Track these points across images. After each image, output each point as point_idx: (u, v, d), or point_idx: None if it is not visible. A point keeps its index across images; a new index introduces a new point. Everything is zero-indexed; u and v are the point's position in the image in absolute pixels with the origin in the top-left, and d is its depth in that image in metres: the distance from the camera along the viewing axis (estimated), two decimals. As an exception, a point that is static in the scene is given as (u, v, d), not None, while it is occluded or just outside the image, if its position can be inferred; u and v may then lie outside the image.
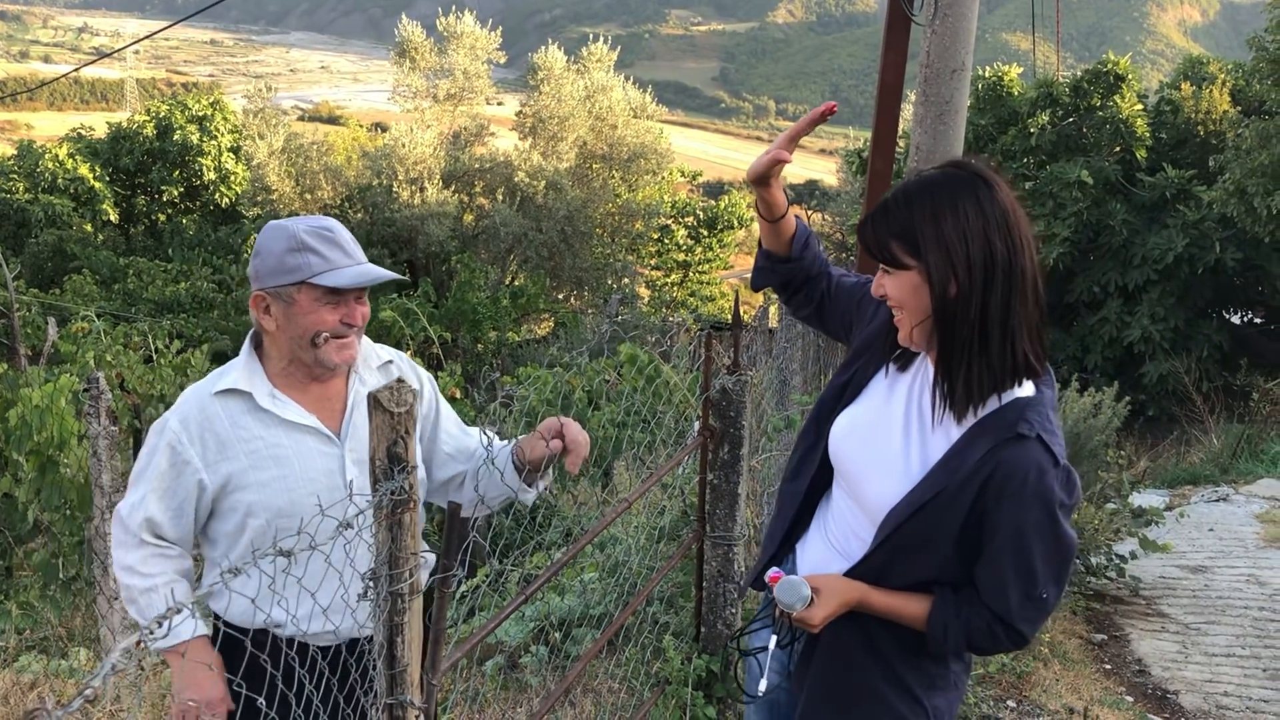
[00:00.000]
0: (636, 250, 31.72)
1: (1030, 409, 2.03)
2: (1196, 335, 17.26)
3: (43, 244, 29.30)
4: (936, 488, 2.05)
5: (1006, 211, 2.02)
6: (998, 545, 2.03)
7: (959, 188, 2.03)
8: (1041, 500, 1.99)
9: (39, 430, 6.04)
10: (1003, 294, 2.00)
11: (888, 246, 2.08)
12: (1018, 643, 2.13)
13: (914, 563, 2.12)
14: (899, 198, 2.09)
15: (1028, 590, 2.06)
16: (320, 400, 2.55)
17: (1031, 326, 2.04)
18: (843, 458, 2.28)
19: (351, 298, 2.48)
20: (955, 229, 2.00)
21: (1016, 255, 2.01)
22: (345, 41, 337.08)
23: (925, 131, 6.02)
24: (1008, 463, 1.99)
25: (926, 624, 2.14)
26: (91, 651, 5.57)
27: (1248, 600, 6.64)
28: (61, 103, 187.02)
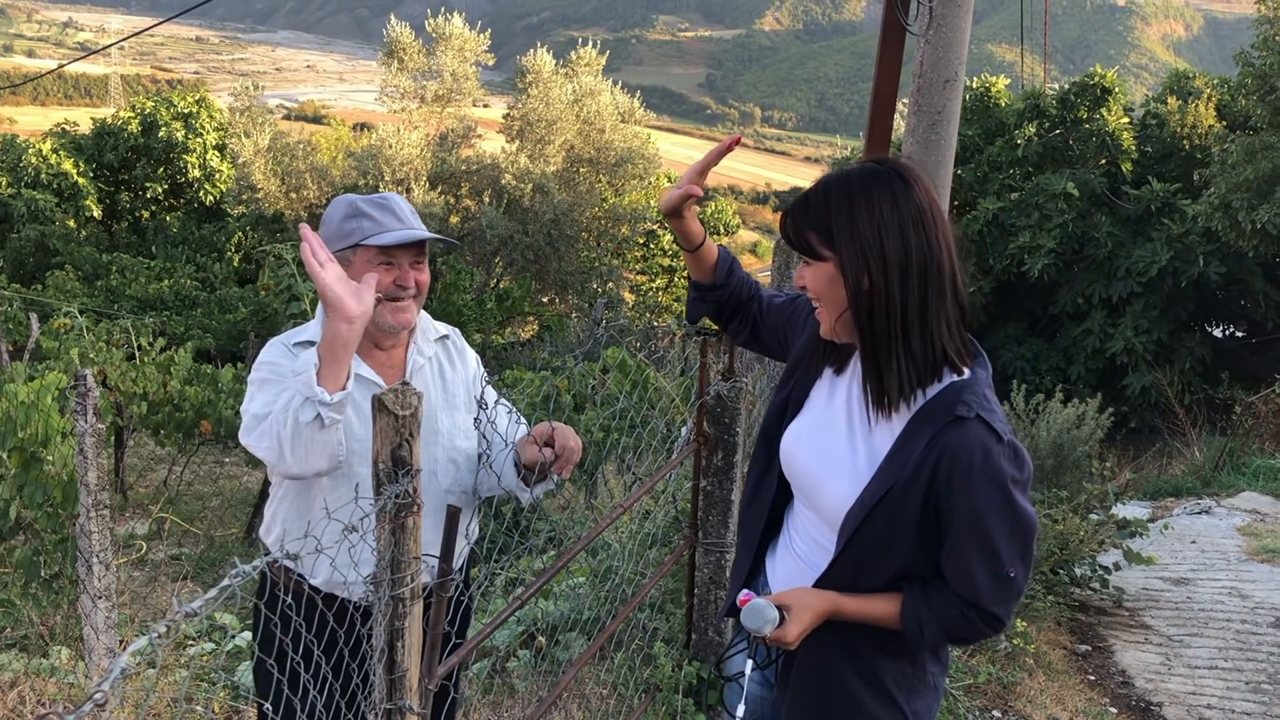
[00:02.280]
0: (622, 254, 31.74)
1: (966, 391, 2.03)
2: (1179, 348, 17.35)
3: (25, 239, 29.13)
4: (887, 483, 2.05)
5: (923, 208, 2.03)
6: (957, 531, 2.02)
7: (875, 183, 2.05)
8: (992, 479, 1.98)
9: (23, 426, 6.00)
10: (919, 290, 2.01)
11: (805, 238, 2.10)
12: (995, 627, 2.12)
13: (880, 562, 2.12)
14: (818, 191, 2.11)
15: (994, 571, 2.05)
16: (383, 367, 2.65)
17: (951, 322, 2.05)
18: (795, 469, 2.29)
19: (406, 262, 2.58)
20: (869, 223, 2.01)
21: (932, 252, 2.02)
22: (332, 41, 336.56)
23: (917, 141, 6.02)
24: (952, 447, 1.99)
25: (900, 621, 2.13)
26: (73, 651, 5.53)
27: (1230, 613, 6.67)
28: (45, 98, 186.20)
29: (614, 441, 7.05)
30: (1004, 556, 2.04)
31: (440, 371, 2.77)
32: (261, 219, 28.83)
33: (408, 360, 2.69)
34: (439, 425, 2.67)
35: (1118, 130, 18.47)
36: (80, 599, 4.84)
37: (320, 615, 2.42)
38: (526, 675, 4.36)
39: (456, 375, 2.79)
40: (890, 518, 2.06)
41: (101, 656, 4.65)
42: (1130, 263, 17.37)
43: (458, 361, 2.82)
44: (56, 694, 4.64)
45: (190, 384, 10.33)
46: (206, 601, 1.34)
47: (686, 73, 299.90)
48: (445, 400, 2.72)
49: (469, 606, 2.77)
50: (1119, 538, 6.83)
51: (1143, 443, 15.37)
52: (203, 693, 4.68)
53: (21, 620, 6.06)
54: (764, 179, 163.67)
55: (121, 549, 8.22)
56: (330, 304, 2.20)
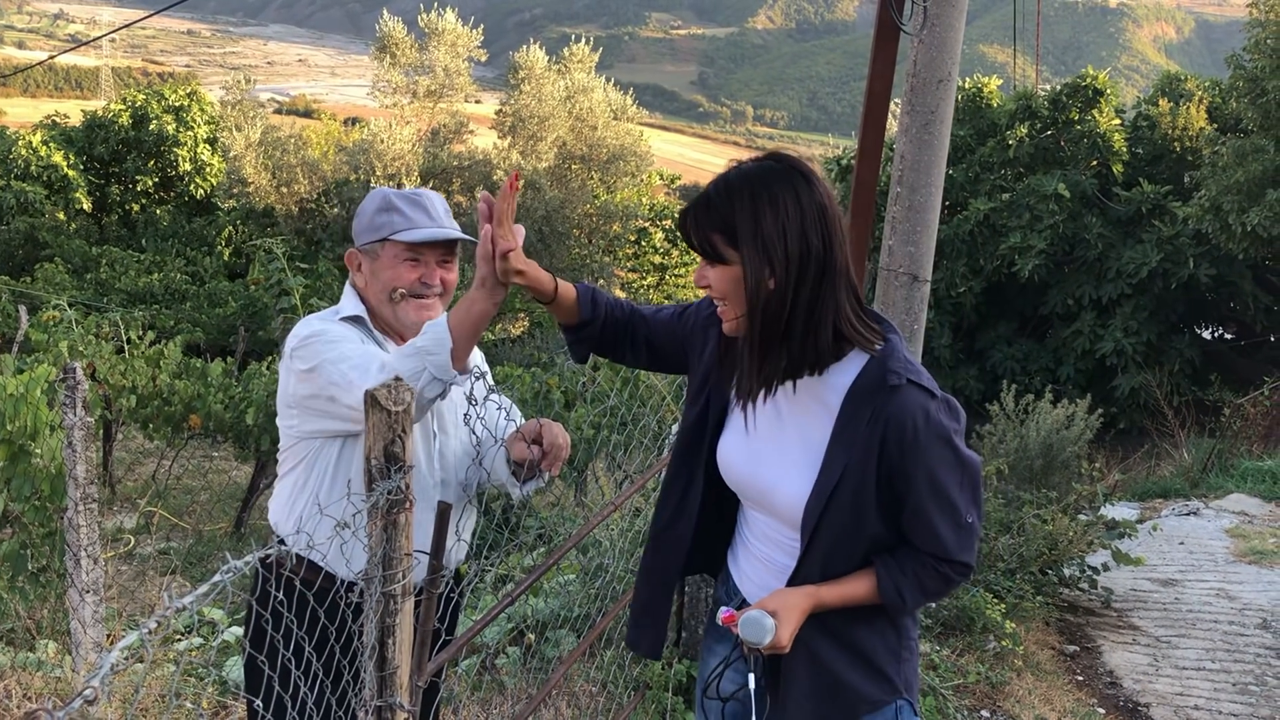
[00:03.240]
0: (614, 252, 31.73)
1: (889, 359, 2.06)
2: (1169, 350, 17.41)
3: (14, 231, 29.01)
4: (840, 465, 2.07)
5: (823, 206, 2.04)
6: (917, 494, 2.06)
7: (779, 181, 2.04)
8: (938, 436, 2.03)
9: (11, 419, 5.97)
10: (813, 286, 2.02)
11: (709, 239, 2.08)
12: (965, 574, 2.17)
13: (848, 545, 2.13)
14: (720, 190, 2.09)
15: (955, 522, 2.09)
16: None
17: (844, 309, 2.05)
18: (739, 482, 2.28)
19: (434, 260, 2.59)
20: (774, 224, 2.01)
21: (830, 250, 2.03)
22: (323, 35, 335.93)
23: (910, 141, 6.02)
24: (895, 416, 2.02)
25: (880, 594, 2.14)
26: (60, 644, 5.51)
27: (1217, 614, 6.69)
28: (36, 89, 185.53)
29: (604, 439, 7.05)
30: (960, 506, 2.09)
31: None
32: (252, 213, 28.77)
33: None
34: (457, 418, 2.68)
35: (1109, 132, 18.51)
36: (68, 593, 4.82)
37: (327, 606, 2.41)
38: (516, 672, 4.35)
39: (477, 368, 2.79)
40: (849, 501, 2.07)
41: (89, 650, 4.63)
42: (1120, 264, 17.41)
43: (476, 359, 2.81)
44: (43, 688, 4.63)
45: (179, 378, 10.30)
46: (198, 597, 1.33)
47: (679, 70, 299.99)
48: (460, 397, 2.71)
49: (458, 603, 2.77)
50: (1108, 538, 6.85)
51: (1132, 444, 15.41)
52: (191, 688, 4.67)
53: (8, 614, 6.04)
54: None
55: (109, 543, 8.19)
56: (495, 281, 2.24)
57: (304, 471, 2.59)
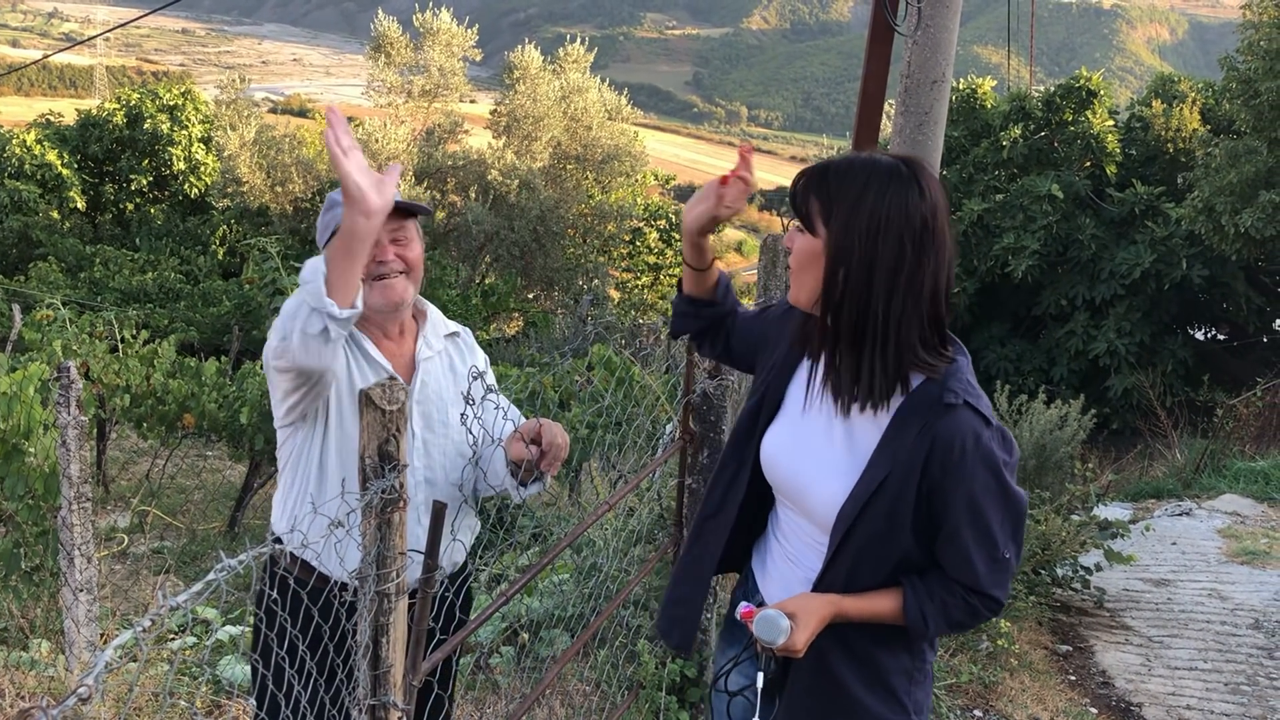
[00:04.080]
0: (608, 252, 31.74)
1: (950, 378, 2.02)
2: (1161, 350, 17.44)
3: (8, 230, 28.96)
4: (879, 476, 2.03)
5: (928, 223, 1.99)
6: (954, 519, 2.02)
7: (895, 183, 1.99)
8: (985, 463, 1.98)
9: (5, 418, 5.96)
10: (899, 300, 1.98)
11: (808, 205, 2.06)
12: (994, 609, 2.12)
13: (876, 558, 2.10)
14: (840, 165, 2.06)
15: (991, 554, 2.05)
16: (394, 357, 2.65)
17: (921, 338, 2.01)
18: (779, 475, 2.25)
19: (385, 238, 2.55)
20: (870, 219, 1.98)
21: (921, 268, 1.98)
22: (318, 34, 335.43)
23: (904, 142, 6.04)
24: (944, 435, 1.98)
25: (904, 615, 2.11)
26: (53, 644, 5.51)
27: (1210, 614, 6.71)
28: (30, 88, 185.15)
29: (599, 438, 7.06)
30: (999, 539, 2.04)
31: (450, 365, 2.77)
32: (246, 212, 28.74)
33: (418, 351, 2.69)
34: (449, 418, 2.67)
35: (1102, 133, 18.54)
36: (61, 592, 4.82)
37: (320, 605, 2.43)
38: (510, 672, 4.36)
39: (467, 371, 2.78)
40: (885, 511, 2.04)
41: (82, 650, 4.63)
42: (1114, 265, 17.44)
43: (468, 359, 2.82)
44: (36, 687, 4.62)
45: (173, 377, 10.30)
46: (192, 596, 1.34)
47: (674, 71, 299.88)
48: (454, 395, 2.72)
49: (454, 603, 2.76)
50: (1100, 539, 6.86)
51: (1124, 444, 15.44)
52: (185, 687, 4.67)
53: (2, 613, 6.04)
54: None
55: (103, 542, 8.18)
56: (350, 193, 2.14)
57: (291, 471, 2.62)
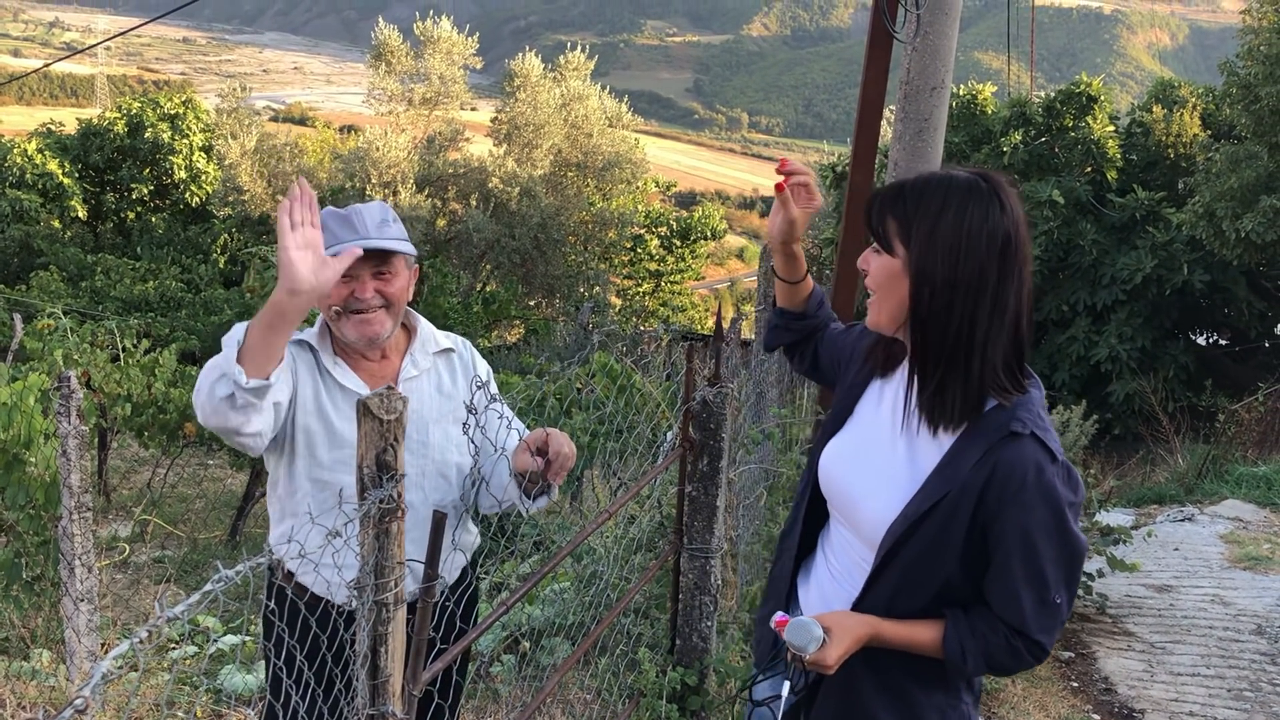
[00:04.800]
0: (609, 259, 31.75)
1: (1021, 408, 1.97)
2: (1163, 356, 17.42)
3: (9, 239, 28.99)
4: (934, 498, 1.97)
5: (1010, 239, 1.95)
6: (1006, 552, 1.95)
7: (974, 198, 1.96)
8: (1044, 498, 1.91)
9: (6, 428, 5.97)
10: (986, 318, 1.94)
11: (884, 223, 2.02)
12: (1038, 656, 2.03)
13: (919, 582, 2.04)
14: (917, 184, 2.02)
15: (1040, 596, 1.97)
16: (374, 378, 2.63)
17: (1003, 358, 1.97)
18: (832, 486, 2.21)
19: (367, 274, 2.53)
20: (952, 236, 1.94)
21: (1005, 284, 1.94)
22: (319, 43, 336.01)
23: (904, 148, 6.05)
24: (1005, 463, 1.92)
25: (943, 648, 2.05)
26: (54, 653, 5.50)
27: (1212, 620, 6.69)
28: (31, 97, 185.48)
29: (600, 446, 7.05)
30: (1050, 581, 1.96)
31: (438, 384, 2.74)
32: (247, 221, 28.77)
33: (401, 371, 2.67)
34: (429, 437, 2.65)
35: (1103, 138, 18.54)
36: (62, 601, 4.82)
37: (318, 619, 2.43)
38: (510, 680, 4.35)
39: (458, 388, 2.76)
40: (935, 534, 1.98)
41: (83, 659, 4.63)
42: (1115, 270, 17.43)
43: (460, 375, 2.79)
44: (37, 697, 4.62)
45: (174, 386, 10.29)
46: (189, 606, 1.33)
47: (674, 78, 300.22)
48: (439, 413, 2.70)
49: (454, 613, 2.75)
50: (1102, 544, 6.84)
51: (1127, 450, 15.42)
52: (185, 696, 4.66)
53: (3, 623, 6.03)
54: (751, 184, 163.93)
55: (104, 551, 8.18)
56: (282, 267, 2.12)
57: (271, 486, 2.66)
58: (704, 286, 46.25)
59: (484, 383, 2.49)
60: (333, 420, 2.56)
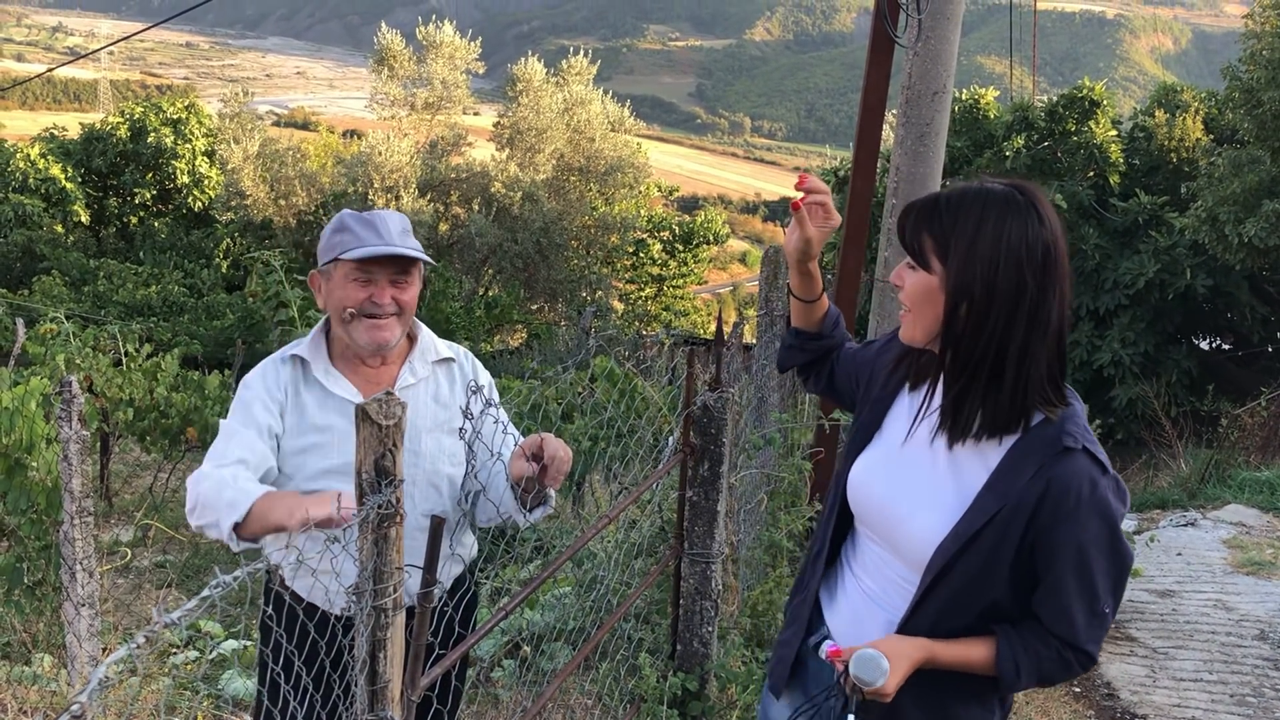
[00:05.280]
0: (611, 263, 31.76)
1: (1069, 421, 1.95)
2: (1166, 360, 17.40)
3: (12, 244, 29.04)
4: (986, 515, 1.95)
5: (1048, 251, 1.93)
6: (1059, 567, 1.94)
7: (1012, 212, 1.92)
8: (1099, 513, 1.91)
9: (7, 433, 5.97)
10: (1023, 333, 1.91)
11: (920, 240, 1.98)
12: (1087, 665, 2.04)
13: (966, 602, 2.01)
14: (950, 198, 1.98)
15: (1091, 607, 1.97)
16: (371, 383, 2.64)
17: (1044, 372, 1.94)
18: (868, 503, 2.16)
19: (385, 279, 2.56)
20: (990, 250, 1.90)
21: (1045, 298, 1.92)
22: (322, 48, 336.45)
23: (905, 153, 6.05)
24: (1060, 479, 1.90)
25: (996, 666, 2.03)
26: (56, 658, 5.50)
27: (1215, 625, 6.68)
28: (34, 102, 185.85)
29: (601, 450, 7.05)
30: (1100, 592, 1.96)
31: (434, 393, 2.73)
32: (250, 225, 28.81)
33: (398, 379, 2.68)
34: (421, 446, 2.64)
35: (1105, 143, 18.53)
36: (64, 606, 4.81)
37: (315, 626, 2.43)
38: (511, 685, 4.35)
39: (455, 398, 2.75)
40: (987, 551, 1.95)
41: (84, 664, 4.63)
42: (1118, 275, 17.42)
43: (459, 386, 2.78)
44: (39, 702, 4.62)
45: (176, 390, 10.30)
46: (187, 611, 1.33)
47: (677, 82, 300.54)
48: (434, 423, 2.69)
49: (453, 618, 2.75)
50: (1105, 550, 6.83)
51: (1129, 455, 15.41)
52: (185, 701, 4.66)
53: (4, 627, 6.03)
54: (753, 189, 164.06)
55: (105, 556, 8.18)
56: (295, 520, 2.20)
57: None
58: (706, 291, 46.28)
59: (479, 387, 2.47)
60: (325, 430, 2.57)
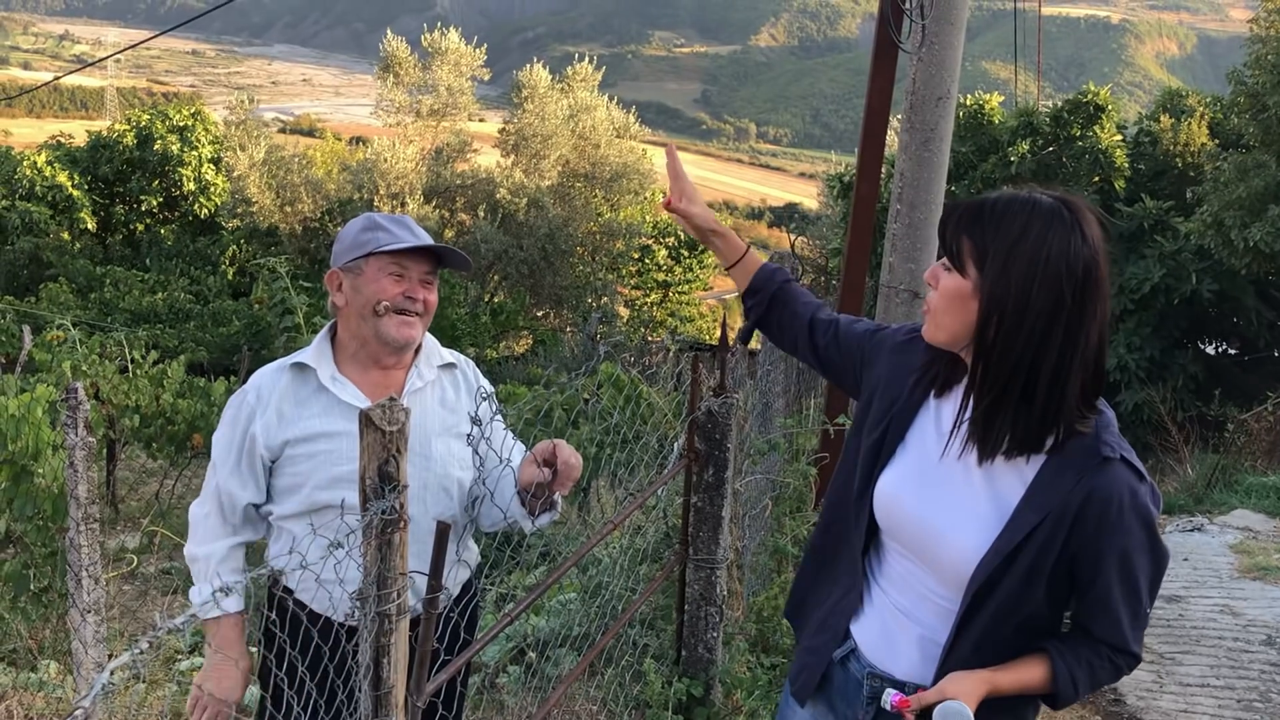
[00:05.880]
0: (617, 269, 31.76)
1: (1103, 430, 1.94)
2: (1172, 365, 17.37)
3: (19, 251, 29.08)
4: (1026, 529, 1.93)
5: (1090, 269, 1.89)
6: (1105, 577, 1.94)
7: (1056, 225, 1.88)
8: (1141, 519, 1.91)
9: (13, 440, 5.98)
10: (1058, 352, 1.88)
11: (959, 242, 1.95)
12: (1133, 666, 2.06)
13: (1010, 616, 1.99)
14: (998, 205, 1.94)
15: (1135, 610, 1.98)
16: (379, 387, 2.65)
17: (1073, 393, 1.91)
18: (899, 520, 2.11)
19: (417, 277, 2.61)
20: (1030, 265, 1.87)
21: (1083, 316, 1.88)
22: (328, 55, 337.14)
23: (910, 158, 6.04)
24: (1102, 490, 1.89)
25: (1054, 684, 2.02)
26: (62, 664, 5.51)
27: (1222, 630, 6.66)
28: (41, 110, 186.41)
29: (607, 456, 7.05)
30: (1143, 594, 1.97)
31: (440, 397, 2.74)
32: (256, 232, 28.84)
33: (407, 383, 2.68)
34: (432, 450, 2.64)
35: (1110, 148, 18.51)
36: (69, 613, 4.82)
37: (318, 632, 2.44)
38: (516, 691, 4.35)
39: (460, 403, 2.76)
40: (1027, 566, 1.93)
41: (90, 671, 4.63)
42: (1123, 280, 17.39)
43: (463, 390, 2.79)
44: (45, 708, 4.63)
45: (183, 397, 10.32)
46: (189, 616, 1.33)
47: (682, 88, 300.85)
48: (442, 426, 2.69)
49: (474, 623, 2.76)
50: (1111, 555, 6.82)
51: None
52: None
53: (10, 634, 6.04)
54: (759, 194, 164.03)
55: (112, 562, 8.19)
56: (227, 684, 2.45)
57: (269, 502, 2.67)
58: (712, 296, 46.23)
59: (489, 394, 2.49)
60: (334, 437, 2.57)
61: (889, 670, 2.14)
